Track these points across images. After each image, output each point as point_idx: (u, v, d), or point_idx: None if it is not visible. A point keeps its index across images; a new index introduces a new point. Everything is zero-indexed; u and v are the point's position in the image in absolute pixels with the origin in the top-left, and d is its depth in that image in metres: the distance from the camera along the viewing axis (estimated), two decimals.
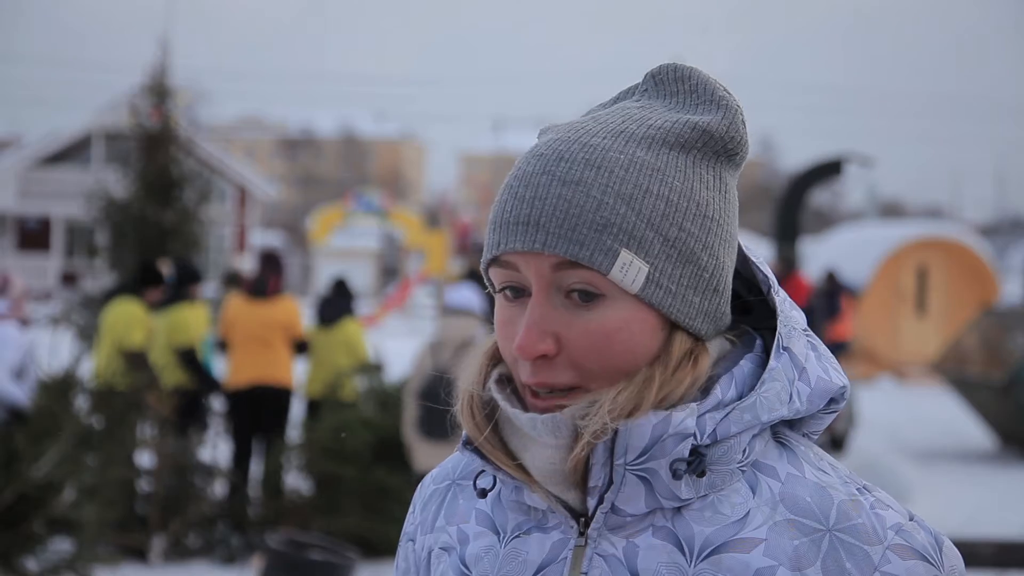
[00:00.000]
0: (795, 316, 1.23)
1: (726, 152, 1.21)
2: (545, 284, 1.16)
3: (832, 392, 1.21)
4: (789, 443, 1.22)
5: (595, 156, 1.16)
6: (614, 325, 1.15)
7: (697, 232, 1.17)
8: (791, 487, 1.18)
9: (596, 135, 1.18)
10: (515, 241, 1.15)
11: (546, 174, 1.16)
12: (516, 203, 1.16)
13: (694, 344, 1.18)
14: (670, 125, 1.19)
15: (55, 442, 6.65)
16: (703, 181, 1.19)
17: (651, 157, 1.17)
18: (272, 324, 8.70)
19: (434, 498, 1.34)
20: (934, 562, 1.15)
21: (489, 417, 1.22)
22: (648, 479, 1.15)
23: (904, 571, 1.14)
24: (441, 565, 1.29)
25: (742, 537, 1.16)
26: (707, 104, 1.22)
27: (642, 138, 1.18)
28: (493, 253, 1.18)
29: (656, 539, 1.17)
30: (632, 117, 1.20)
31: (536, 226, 1.14)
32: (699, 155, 1.19)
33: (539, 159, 1.18)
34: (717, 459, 1.16)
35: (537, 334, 1.15)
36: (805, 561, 1.14)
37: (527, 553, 1.22)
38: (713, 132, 1.19)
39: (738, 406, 1.16)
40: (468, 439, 1.24)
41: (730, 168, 1.22)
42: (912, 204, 73.74)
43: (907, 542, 1.15)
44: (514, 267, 1.17)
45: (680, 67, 1.24)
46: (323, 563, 6.65)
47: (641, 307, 1.15)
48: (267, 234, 57.13)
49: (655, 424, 1.14)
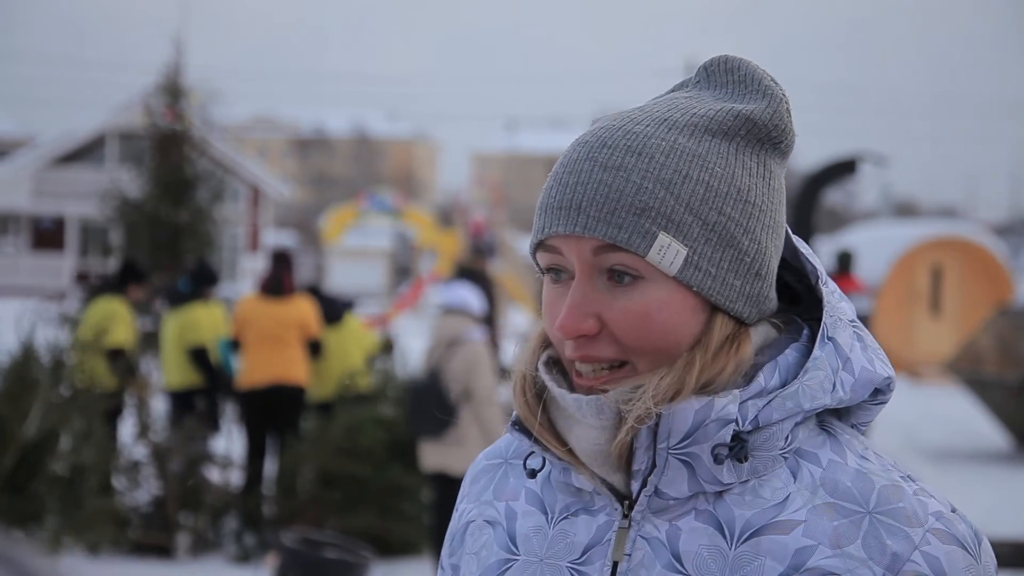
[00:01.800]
0: (843, 307, 1.25)
1: (770, 140, 1.23)
2: (587, 266, 1.19)
3: (877, 383, 1.23)
4: (835, 432, 1.23)
5: (636, 143, 1.19)
6: (654, 305, 1.18)
7: (738, 217, 1.19)
8: (832, 472, 1.20)
9: (640, 123, 1.21)
10: (558, 225, 1.19)
11: (589, 160, 1.20)
12: (560, 188, 1.20)
13: (736, 328, 1.20)
14: (713, 113, 1.22)
15: (36, 397, 6.77)
16: (746, 168, 1.21)
17: (692, 144, 1.20)
18: (288, 323, 8.69)
19: (485, 473, 1.37)
20: (972, 553, 1.17)
21: (539, 397, 1.25)
22: (690, 463, 1.18)
23: (943, 555, 1.15)
24: (484, 537, 1.31)
25: (781, 519, 1.17)
26: (753, 93, 1.24)
27: (684, 125, 1.21)
28: (539, 237, 1.22)
29: (698, 522, 1.19)
30: (677, 106, 1.23)
31: (578, 210, 1.18)
32: (743, 143, 1.22)
33: (583, 146, 1.21)
34: (759, 445, 1.18)
35: (579, 314, 1.19)
36: (845, 540, 1.16)
37: (574, 535, 1.24)
38: (757, 120, 1.22)
39: (781, 394, 1.18)
40: (517, 420, 1.27)
41: (776, 157, 1.24)
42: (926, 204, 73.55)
43: (947, 528, 1.17)
44: (558, 251, 1.21)
45: (731, 59, 1.28)
46: (338, 562, 6.65)
47: (680, 289, 1.18)
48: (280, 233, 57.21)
49: (697, 409, 1.17)
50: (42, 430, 6.71)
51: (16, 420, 6.71)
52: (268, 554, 7.64)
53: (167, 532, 7.90)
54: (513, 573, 1.26)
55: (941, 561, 1.15)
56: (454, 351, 6.54)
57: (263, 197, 42.74)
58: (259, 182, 42.02)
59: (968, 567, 1.16)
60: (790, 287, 1.29)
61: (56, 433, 6.82)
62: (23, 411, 6.75)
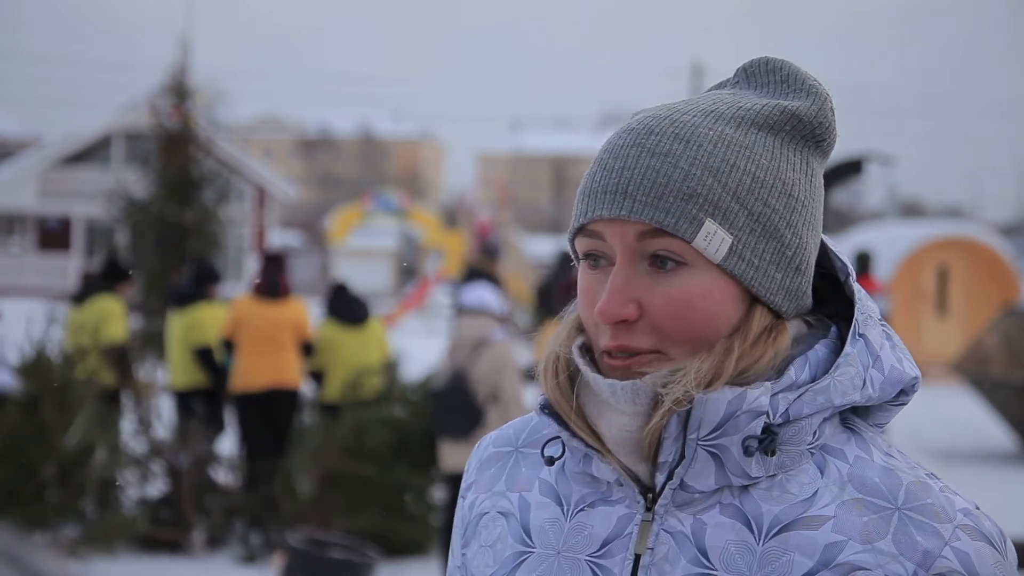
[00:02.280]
0: (871, 306, 1.25)
1: (814, 137, 1.23)
2: (630, 251, 1.19)
3: (904, 382, 1.23)
4: (858, 429, 1.23)
5: (684, 131, 1.19)
6: (696, 292, 1.17)
7: (782, 210, 1.19)
8: (859, 468, 1.19)
9: (686, 113, 1.21)
10: (602, 208, 1.19)
11: (636, 146, 1.19)
12: (604, 173, 1.20)
13: (773, 321, 1.20)
14: (760, 107, 1.22)
15: (81, 409, 6.91)
16: (790, 163, 1.21)
17: (739, 135, 1.20)
18: (284, 325, 8.64)
19: (493, 460, 1.35)
20: (999, 549, 1.17)
21: (571, 382, 1.24)
22: (719, 455, 1.17)
23: (973, 551, 1.16)
24: (497, 529, 1.30)
25: (811, 515, 1.17)
26: (797, 91, 1.25)
27: (731, 117, 1.21)
28: (580, 221, 1.21)
29: (724, 516, 1.18)
30: (723, 100, 1.24)
31: (624, 194, 1.18)
32: (787, 138, 1.22)
33: (629, 133, 1.21)
34: (788, 439, 1.18)
35: (620, 299, 1.18)
36: (875, 535, 1.16)
37: (592, 527, 1.23)
38: (802, 116, 1.22)
39: (812, 388, 1.18)
40: (547, 403, 1.25)
41: (817, 155, 1.25)
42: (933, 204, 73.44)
43: (975, 525, 1.17)
44: (599, 236, 1.20)
45: (772, 60, 1.28)
46: (344, 562, 6.65)
47: (723, 277, 1.18)
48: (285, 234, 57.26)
49: (730, 400, 1.16)
50: (83, 442, 6.82)
51: (58, 429, 6.78)
52: (274, 554, 7.65)
53: (179, 529, 7.90)
54: (529, 566, 1.25)
55: (971, 557, 1.15)
56: (480, 352, 6.53)
57: (269, 197, 42.75)
58: (265, 182, 42.03)
59: (996, 563, 1.16)
60: (815, 287, 1.29)
61: (93, 445, 6.92)
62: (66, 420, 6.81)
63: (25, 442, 6.81)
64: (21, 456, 6.78)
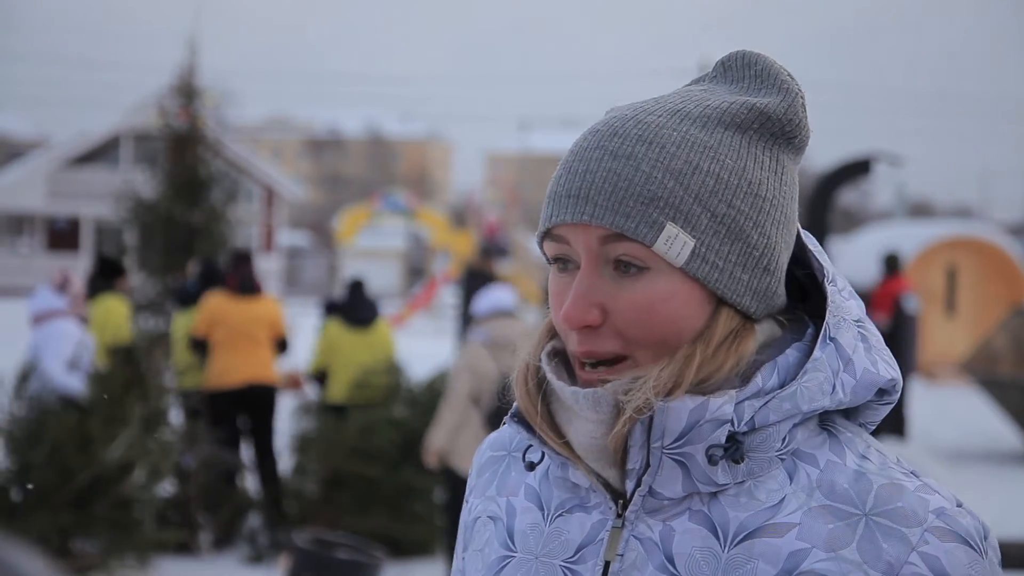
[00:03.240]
0: (849, 306, 1.23)
1: (784, 134, 1.21)
2: (593, 256, 1.17)
3: (880, 384, 1.20)
4: (836, 431, 1.21)
5: (648, 132, 1.18)
6: (659, 296, 1.16)
7: (747, 210, 1.17)
8: (829, 474, 1.17)
9: (652, 113, 1.19)
10: (565, 213, 1.18)
11: (599, 149, 1.18)
12: (569, 177, 1.19)
13: (741, 323, 1.18)
14: (727, 106, 1.20)
15: (126, 426, 6.98)
16: (758, 162, 1.19)
17: (704, 135, 1.18)
18: (260, 321, 8.61)
19: (489, 465, 1.36)
20: (976, 548, 1.14)
21: (540, 388, 1.23)
22: (685, 463, 1.16)
23: (943, 553, 1.13)
24: (487, 533, 1.31)
25: (775, 522, 1.15)
26: (769, 88, 1.23)
27: (697, 117, 1.19)
28: (546, 226, 1.20)
29: (692, 523, 1.17)
30: (692, 98, 1.22)
31: (585, 199, 1.16)
32: (756, 136, 1.20)
33: (594, 135, 1.20)
34: (755, 447, 1.16)
35: (584, 305, 1.17)
36: (840, 543, 1.14)
37: (568, 533, 1.23)
38: (771, 114, 1.20)
39: (778, 395, 1.16)
40: (517, 411, 1.25)
41: (789, 152, 1.22)
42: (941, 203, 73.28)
43: (948, 525, 1.14)
44: (565, 240, 1.19)
45: (748, 54, 1.26)
46: (350, 562, 6.65)
47: (687, 281, 1.16)
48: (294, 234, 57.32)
49: (692, 409, 1.14)
50: (124, 458, 6.90)
51: (103, 443, 6.89)
52: (281, 554, 7.65)
53: (187, 530, 7.91)
54: (510, 571, 1.25)
55: (941, 560, 1.12)
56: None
57: (277, 198, 42.81)
58: (273, 183, 42.09)
59: (972, 563, 1.13)
60: (800, 284, 1.27)
61: (133, 464, 6.99)
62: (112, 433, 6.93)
63: (70, 449, 6.89)
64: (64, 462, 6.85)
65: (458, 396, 6.51)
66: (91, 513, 6.91)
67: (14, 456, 7.00)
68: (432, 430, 6.60)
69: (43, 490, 6.82)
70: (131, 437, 6.95)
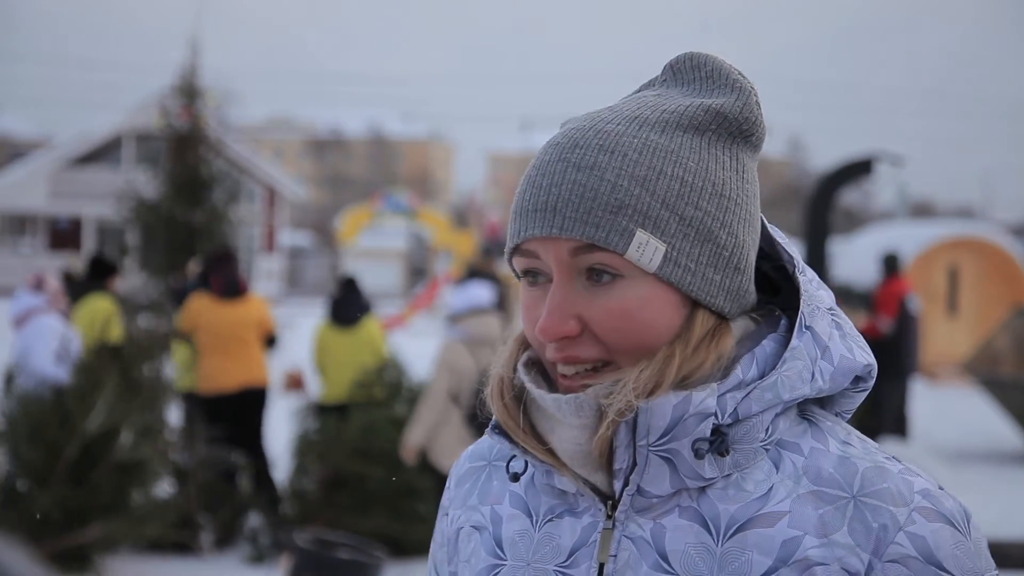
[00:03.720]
0: (821, 295, 1.24)
1: (741, 133, 1.22)
2: (565, 268, 1.18)
3: (857, 370, 1.22)
4: (816, 420, 1.22)
5: (608, 141, 1.18)
6: (634, 304, 1.16)
7: (714, 211, 1.18)
8: (814, 460, 1.19)
9: (610, 122, 1.20)
10: (534, 228, 1.18)
11: (561, 161, 1.18)
12: (534, 191, 1.19)
13: (717, 323, 1.19)
14: (684, 109, 1.20)
15: (101, 394, 7.04)
16: (719, 162, 1.20)
17: (665, 140, 1.18)
18: (249, 323, 8.60)
19: (469, 476, 1.36)
20: (961, 529, 1.15)
21: (518, 400, 1.24)
22: (672, 460, 1.17)
23: (929, 532, 1.14)
24: (472, 543, 1.31)
25: (766, 512, 1.16)
26: (722, 88, 1.23)
27: (655, 122, 1.19)
28: (515, 241, 1.20)
29: (683, 519, 1.18)
30: (647, 104, 1.22)
31: (553, 211, 1.17)
32: (714, 136, 1.20)
33: (555, 148, 1.20)
34: (739, 438, 1.17)
35: (559, 317, 1.17)
36: (831, 527, 1.15)
37: (559, 537, 1.23)
38: (727, 114, 1.21)
39: (759, 385, 1.17)
40: (497, 423, 1.25)
41: (747, 149, 1.23)
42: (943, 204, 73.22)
43: (933, 506, 1.16)
44: (534, 254, 1.19)
45: (696, 55, 1.26)
46: (351, 562, 6.65)
47: (661, 285, 1.17)
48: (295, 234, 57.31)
49: (675, 404, 1.15)
50: (105, 425, 6.96)
51: (81, 414, 6.99)
52: (282, 555, 7.65)
53: (187, 530, 7.91)
54: None
55: (927, 540, 1.13)
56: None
57: (279, 198, 42.80)
58: (275, 183, 42.09)
59: (957, 544, 1.14)
60: (769, 278, 1.28)
61: (117, 428, 7.05)
62: (88, 406, 7.04)
63: (52, 427, 6.98)
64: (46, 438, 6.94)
65: (437, 394, 6.55)
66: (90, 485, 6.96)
67: (12, 453, 7.06)
68: (410, 427, 6.65)
69: (36, 472, 6.89)
70: (108, 403, 6.99)
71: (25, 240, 42.17)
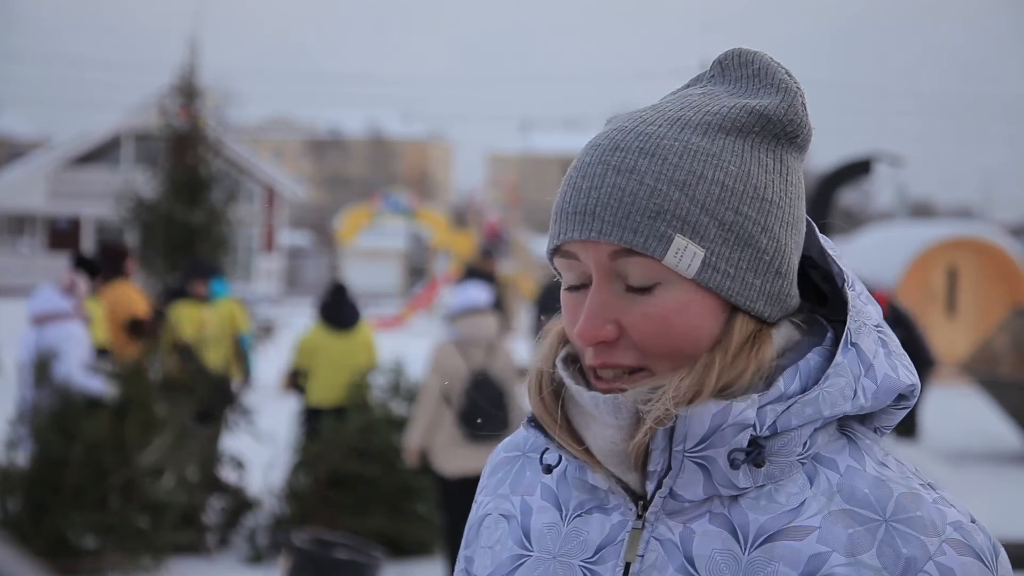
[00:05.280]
0: (868, 311, 1.23)
1: (786, 135, 1.21)
2: (604, 272, 1.17)
3: (900, 390, 1.21)
4: (855, 437, 1.21)
5: (649, 144, 1.17)
6: (672, 309, 1.16)
7: (755, 215, 1.17)
8: (849, 479, 1.18)
9: (652, 123, 1.19)
10: (573, 231, 1.18)
11: (602, 164, 1.18)
12: (574, 193, 1.18)
13: (757, 328, 1.18)
14: (727, 111, 1.19)
15: (161, 432, 7.10)
16: (762, 165, 1.19)
17: (706, 143, 1.17)
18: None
19: (502, 465, 1.36)
20: (989, 565, 1.14)
21: (556, 395, 1.24)
22: (706, 466, 1.16)
23: (959, 566, 1.13)
24: (498, 531, 1.30)
25: (796, 525, 1.15)
26: (767, 88, 1.22)
27: (698, 124, 1.18)
28: (554, 243, 1.20)
29: (712, 525, 1.17)
30: (691, 104, 1.21)
31: (592, 215, 1.16)
32: (757, 139, 1.19)
33: (596, 149, 1.19)
34: (776, 451, 1.17)
35: (597, 321, 1.17)
36: (860, 548, 1.14)
37: (588, 533, 1.23)
38: (771, 115, 1.20)
39: (800, 400, 1.16)
40: (533, 416, 1.25)
41: (793, 151, 1.22)
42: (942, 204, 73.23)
43: (965, 539, 1.15)
44: (574, 256, 1.19)
45: (745, 52, 1.25)
46: (349, 562, 6.65)
47: (699, 291, 1.16)
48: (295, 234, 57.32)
49: (715, 413, 1.15)
50: (157, 464, 6.99)
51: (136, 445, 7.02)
52: (280, 555, 7.64)
53: (194, 531, 7.90)
54: (526, 570, 1.25)
55: (955, 572, 1.12)
56: (494, 353, 6.57)
57: (278, 198, 42.80)
58: (274, 183, 42.08)
59: None
60: (817, 287, 1.27)
61: (163, 469, 7.09)
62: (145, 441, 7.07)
63: (106, 450, 6.96)
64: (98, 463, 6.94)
65: (429, 395, 6.56)
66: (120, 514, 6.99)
67: (41, 449, 7.02)
68: (409, 430, 6.67)
69: (78, 489, 6.88)
70: (165, 443, 7.02)
71: (24, 240, 42.16)
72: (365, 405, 8.44)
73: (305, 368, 9.01)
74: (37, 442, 7.03)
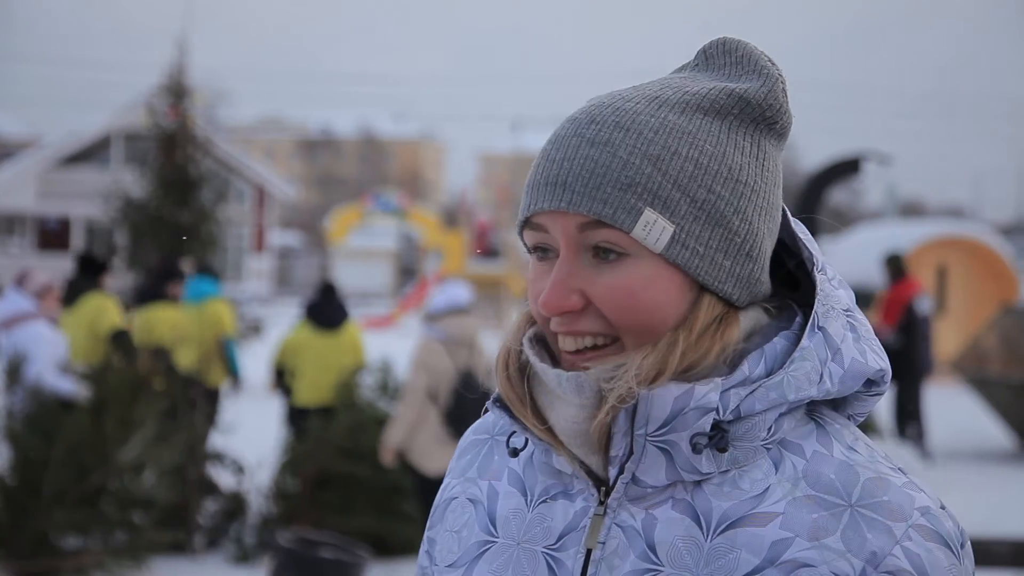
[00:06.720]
0: (839, 295, 1.22)
1: (764, 120, 1.20)
2: (572, 243, 1.17)
3: (868, 374, 1.19)
4: (824, 422, 1.20)
5: (625, 119, 1.17)
6: (639, 283, 1.15)
7: (728, 196, 1.16)
8: (815, 464, 1.16)
9: (630, 100, 1.19)
10: (543, 201, 1.17)
11: (576, 136, 1.17)
12: (547, 165, 1.18)
13: (724, 310, 1.17)
14: (706, 91, 1.19)
15: (140, 427, 7.06)
16: (738, 147, 1.18)
17: (683, 121, 1.17)
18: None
19: (471, 448, 1.35)
20: (955, 552, 1.14)
21: (522, 373, 1.23)
22: (669, 451, 1.15)
23: (924, 552, 1.12)
24: (465, 516, 1.29)
25: (759, 511, 1.14)
26: (749, 73, 1.22)
27: (676, 103, 1.18)
28: (524, 215, 1.20)
29: (675, 512, 1.16)
30: (671, 85, 1.21)
31: (563, 186, 1.16)
32: (735, 121, 1.19)
33: (572, 123, 1.19)
34: (740, 435, 1.15)
35: (562, 291, 1.16)
36: (824, 532, 1.13)
37: (551, 519, 1.22)
38: (750, 99, 1.19)
39: (764, 384, 1.15)
40: (499, 396, 1.24)
41: (771, 137, 1.21)
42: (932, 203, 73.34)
43: (932, 525, 1.14)
44: (543, 228, 1.18)
45: (730, 40, 1.25)
46: (334, 561, 6.63)
47: (667, 267, 1.15)
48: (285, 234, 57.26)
49: (677, 396, 1.13)
50: (137, 460, 6.97)
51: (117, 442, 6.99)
52: (266, 554, 7.63)
53: (183, 531, 7.88)
54: (491, 556, 1.24)
55: (922, 558, 1.11)
56: (476, 352, 6.57)
57: (269, 197, 42.76)
58: (265, 182, 42.04)
59: (951, 567, 1.13)
60: (791, 272, 1.26)
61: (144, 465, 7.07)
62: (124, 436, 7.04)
63: (86, 449, 6.94)
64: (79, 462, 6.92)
65: (414, 393, 6.53)
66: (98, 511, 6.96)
67: (18, 451, 6.99)
68: (391, 428, 6.63)
69: (59, 488, 6.86)
70: (145, 439, 6.99)
71: (14, 240, 42.06)
72: (353, 404, 8.43)
73: (287, 366, 9.00)
74: (13, 445, 6.98)
